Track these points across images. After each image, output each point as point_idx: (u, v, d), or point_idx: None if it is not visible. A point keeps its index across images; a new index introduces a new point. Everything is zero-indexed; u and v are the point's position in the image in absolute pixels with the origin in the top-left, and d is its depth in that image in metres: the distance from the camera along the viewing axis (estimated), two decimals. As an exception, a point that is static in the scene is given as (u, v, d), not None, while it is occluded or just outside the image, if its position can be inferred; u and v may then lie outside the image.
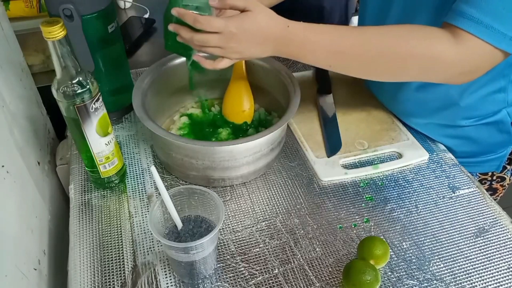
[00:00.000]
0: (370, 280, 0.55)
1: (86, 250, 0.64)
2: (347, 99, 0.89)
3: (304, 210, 0.69)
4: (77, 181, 0.74)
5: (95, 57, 0.75)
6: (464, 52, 0.58)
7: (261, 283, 0.59)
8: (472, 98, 0.72)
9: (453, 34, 0.58)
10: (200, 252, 0.55)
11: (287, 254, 0.63)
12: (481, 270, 0.61)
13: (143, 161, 0.78)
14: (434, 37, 0.59)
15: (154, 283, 0.59)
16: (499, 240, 0.65)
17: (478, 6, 0.56)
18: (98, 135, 0.64)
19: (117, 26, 0.77)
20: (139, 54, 1.15)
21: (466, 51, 0.58)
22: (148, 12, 1.32)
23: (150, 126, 0.67)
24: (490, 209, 0.70)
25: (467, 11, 0.56)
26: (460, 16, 0.57)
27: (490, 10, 0.55)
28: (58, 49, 0.55)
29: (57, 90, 0.59)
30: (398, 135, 0.82)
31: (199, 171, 0.70)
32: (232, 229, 0.67)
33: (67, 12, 0.68)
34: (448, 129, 0.79)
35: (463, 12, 0.57)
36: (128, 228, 0.67)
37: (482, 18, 0.56)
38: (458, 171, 0.76)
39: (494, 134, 0.78)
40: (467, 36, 0.57)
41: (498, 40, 0.56)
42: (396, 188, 0.73)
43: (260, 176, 0.75)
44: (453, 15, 0.58)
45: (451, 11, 0.59)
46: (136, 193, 0.72)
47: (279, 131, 0.71)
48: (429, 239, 0.65)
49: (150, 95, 0.75)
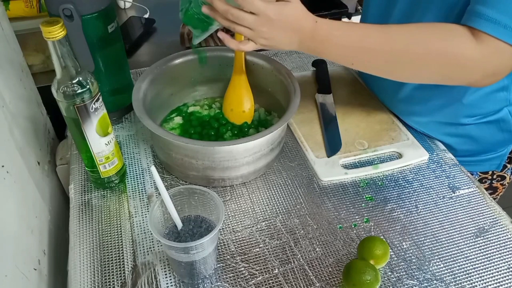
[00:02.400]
0: (370, 280, 0.55)
1: (86, 250, 0.64)
2: (347, 99, 0.89)
3: (304, 210, 0.69)
4: (77, 181, 0.74)
5: (95, 57, 0.75)
6: (485, 53, 0.57)
7: (261, 283, 0.59)
8: (475, 96, 0.72)
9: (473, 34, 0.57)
10: (200, 252, 0.55)
11: (287, 254, 0.63)
12: (481, 270, 0.61)
13: (143, 161, 0.78)
14: (457, 36, 0.58)
15: (154, 283, 0.59)
16: (499, 240, 0.65)
17: (495, 6, 0.55)
18: (98, 135, 0.64)
19: (117, 26, 0.77)
20: (139, 54, 1.15)
21: (486, 52, 0.57)
22: (148, 12, 1.32)
23: (150, 126, 0.67)
24: (490, 209, 0.70)
25: (483, 12, 0.56)
26: (477, 17, 0.56)
27: (506, 9, 0.55)
28: (58, 49, 0.55)
29: (57, 90, 0.59)
30: (398, 135, 0.82)
31: (199, 171, 0.70)
32: (232, 229, 0.67)
33: (67, 12, 0.68)
34: (449, 127, 0.79)
35: (479, 13, 0.56)
36: (128, 228, 0.67)
37: (500, 18, 0.55)
38: (458, 171, 0.76)
39: (495, 132, 0.78)
40: (486, 37, 0.56)
41: None
42: (396, 188, 0.73)
43: (260, 176, 0.75)
44: (469, 16, 0.58)
45: (467, 13, 0.58)
46: (136, 193, 0.72)
47: (279, 131, 0.71)
48: (429, 239, 0.65)
49: (150, 95, 0.75)
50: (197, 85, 0.86)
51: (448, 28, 0.59)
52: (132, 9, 1.37)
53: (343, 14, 1.45)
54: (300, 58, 1.05)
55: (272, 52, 1.07)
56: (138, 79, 0.76)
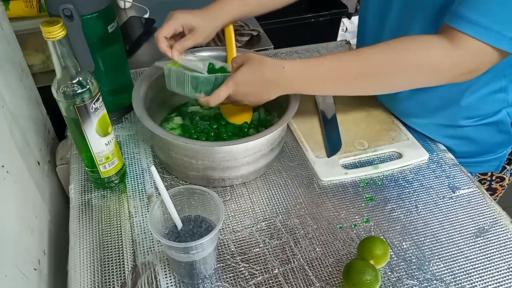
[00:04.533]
0: (370, 280, 0.55)
1: (86, 250, 0.64)
2: (347, 99, 0.89)
3: (304, 210, 0.69)
4: (77, 181, 0.74)
5: (95, 57, 0.75)
6: (462, 55, 0.59)
7: (261, 283, 0.59)
8: (473, 98, 0.73)
9: (450, 37, 0.59)
10: (200, 252, 0.55)
11: (287, 254, 0.63)
12: (481, 270, 0.61)
13: (143, 161, 0.78)
14: (431, 46, 0.60)
15: (154, 283, 0.59)
16: (499, 240, 0.65)
17: (476, 8, 0.56)
18: (98, 135, 0.64)
19: (117, 26, 0.77)
20: (139, 54, 1.15)
21: (464, 53, 0.59)
22: (148, 12, 1.32)
23: (150, 126, 0.67)
24: (490, 209, 0.70)
25: (465, 14, 0.57)
26: (459, 19, 0.58)
27: (488, 11, 0.56)
28: (58, 49, 0.55)
29: (57, 90, 0.59)
30: (398, 135, 0.82)
31: (199, 171, 0.70)
32: (232, 229, 0.67)
33: (67, 12, 0.68)
34: (448, 129, 0.79)
35: (461, 15, 0.57)
36: (128, 228, 0.67)
37: (481, 20, 0.56)
38: (458, 171, 0.76)
39: (494, 134, 0.78)
40: (466, 38, 0.58)
41: (498, 41, 0.56)
42: (396, 188, 0.73)
43: (260, 176, 0.75)
44: (451, 17, 0.59)
45: (450, 13, 0.59)
46: (136, 193, 0.72)
47: (279, 131, 0.71)
48: (429, 239, 0.65)
49: (150, 95, 0.75)
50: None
51: (422, 39, 0.61)
52: (132, 9, 1.37)
53: (343, 14, 1.46)
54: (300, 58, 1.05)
55: (272, 52, 1.07)
56: (138, 79, 0.76)
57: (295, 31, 1.55)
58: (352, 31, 1.93)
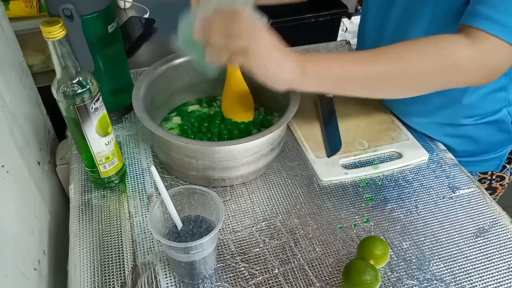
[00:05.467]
0: (370, 280, 0.55)
1: (86, 250, 0.64)
2: (347, 99, 0.89)
3: (304, 210, 0.69)
4: (77, 181, 0.74)
5: (95, 57, 0.75)
6: (482, 53, 0.58)
7: (261, 283, 0.59)
8: (474, 97, 0.72)
9: (469, 36, 0.58)
10: (200, 252, 0.55)
11: (287, 254, 0.63)
12: (481, 270, 0.61)
13: (143, 161, 0.78)
14: (450, 45, 0.58)
15: (154, 283, 0.59)
16: (499, 240, 0.65)
17: (493, 5, 0.56)
18: (98, 135, 0.64)
19: (117, 26, 0.77)
20: (139, 54, 1.15)
21: (484, 51, 0.58)
22: (148, 12, 1.32)
23: (150, 126, 0.67)
24: (490, 209, 0.70)
25: (482, 11, 0.56)
26: (476, 17, 0.57)
27: (505, 9, 0.55)
28: (58, 49, 0.55)
29: (57, 90, 0.59)
30: (398, 135, 0.82)
31: (199, 171, 0.70)
32: (232, 229, 0.67)
33: (67, 12, 0.68)
34: (448, 128, 0.79)
35: (478, 13, 0.57)
36: (128, 228, 0.67)
37: (499, 17, 0.55)
38: (458, 171, 0.76)
39: (494, 133, 0.78)
40: (485, 36, 0.57)
41: None
42: (396, 188, 0.73)
43: (260, 176, 0.75)
44: (468, 16, 0.58)
45: (466, 13, 0.59)
46: (136, 193, 0.72)
47: (279, 131, 0.71)
48: (429, 239, 0.65)
49: (150, 95, 0.75)
50: (197, 84, 0.86)
51: (441, 38, 0.60)
52: (132, 9, 1.37)
53: (343, 14, 1.45)
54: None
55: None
56: (138, 79, 0.76)
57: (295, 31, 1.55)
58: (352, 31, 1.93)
